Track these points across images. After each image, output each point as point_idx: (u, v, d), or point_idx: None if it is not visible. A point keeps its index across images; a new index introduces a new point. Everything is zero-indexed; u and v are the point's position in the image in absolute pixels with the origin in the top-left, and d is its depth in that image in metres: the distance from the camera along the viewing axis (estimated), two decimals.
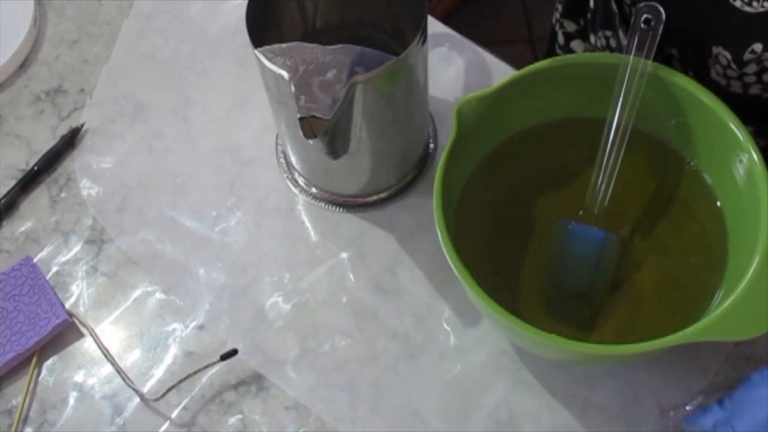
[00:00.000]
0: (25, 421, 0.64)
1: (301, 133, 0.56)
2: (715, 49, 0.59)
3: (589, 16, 0.76)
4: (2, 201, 0.72)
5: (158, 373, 0.65)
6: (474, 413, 0.61)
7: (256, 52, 0.58)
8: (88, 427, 0.63)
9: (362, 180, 0.68)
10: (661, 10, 0.57)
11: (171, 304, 0.67)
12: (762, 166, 0.56)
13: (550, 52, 0.85)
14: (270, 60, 0.57)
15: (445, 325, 0.65)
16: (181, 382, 0.63)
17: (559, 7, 0.84)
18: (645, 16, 0.58)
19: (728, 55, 0.59)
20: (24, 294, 0.67)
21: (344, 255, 0.68)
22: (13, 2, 0.81)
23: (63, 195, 0.73)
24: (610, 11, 0.71)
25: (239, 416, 0.63)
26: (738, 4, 0.56)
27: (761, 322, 0.52)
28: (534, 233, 0.63)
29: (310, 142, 0.57)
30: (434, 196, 0.56)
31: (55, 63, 0.80)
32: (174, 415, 0.63)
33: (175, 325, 0.67)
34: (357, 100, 0.58)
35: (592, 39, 0.76)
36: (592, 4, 0.75)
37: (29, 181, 0.73)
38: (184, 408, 0.63)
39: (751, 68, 0.60)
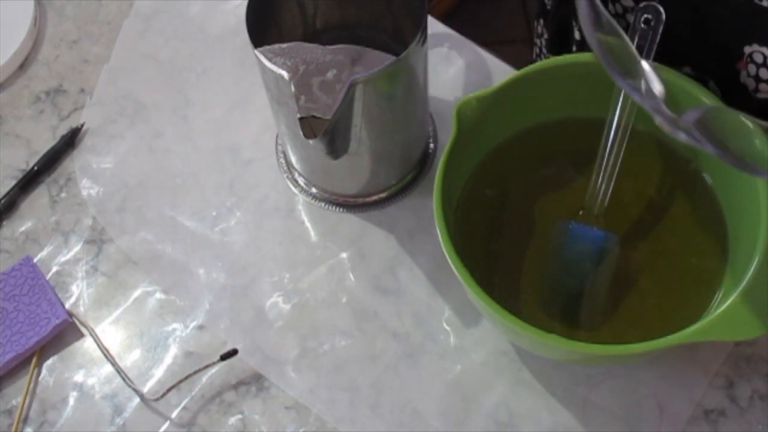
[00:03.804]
0: (25, 421, 0.64)
1: (301, 133, 0.56)
2: (749, 48, 0.59)
3: (574, 48, 0.75)
4: (2, 201, 0.72)
5: (158, 373, 0.65)
6: (474, 413, 0.62)
7: (256, 52, 0.58)
8: (88, 427, 0.63)
9: (362, 180, 0.68)
10: (661, 9, 0.57)
11: (171, 304, 0.67)
12: None
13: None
14: (270, 60, 0.57)
15: (445, 325, 0.65)
16: (181, 382, 0.63)
17: (539, 41, 0.83)
18: (645, 16, 0.58)
19: (766, 51, 0.58)
20: (24, 294, 0.67)
21: (344, 255, 0.68)
22: (13, 2, 0.81)
23: (63, 195, 0.73)
24: None
25: (239, 416, 0.63)
26: (765, 3, 0.56)
27: (761, 322, 0.52)
28: (534, 233, 0.63)
29: (310, 142, 0.57)
30: (434, 196, 0.56)
31: (55, 63, 0.80)
32: (174, 415, 0.63)
33: (175, 325, 0.67)
34: (357, 100, 0.58)
35: None
36: (577, 35, 0.74)
37: (29, 181, 0.73)
38: (184, 408, 0.63)
39: None
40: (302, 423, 0.62)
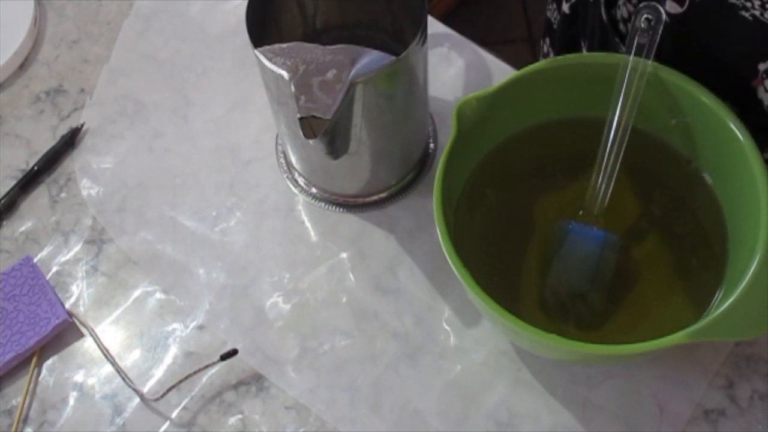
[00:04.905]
0: (25, 421, 0.64)
1: (301, 133, 0.56)
2: (763, 65, 0.59)
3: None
4: (2, 201, 0.72)
5: (158, 373, 0.65)
6: (474, 413, 0.61)
7: (256, 52, 0.58)
8: (88, 427, 0.63)
9: (362, 180, 0.68)
10: (661, 9, 0.57)
11: (171, 304, 0.67)
12: (762, 166, 0.56)
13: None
14: (270, 60, 0.57)
15: (445, 325, 0.65)
16: (181, 382, 0.63)
17: (544, 46, 0.83)
18: (645, 16, 0.58)
19: None
20: (24, 294, 0.67)
21: (344, 255, 0.68)
22: (13, 2, 0.81)
23: (63, 195, 0.73)
24: (607, 43, 0.70)
25: (239, 416, 0.63)
26: None
27: (761, 322, 0.52)
28: (534, 233, 0.63)
29: (310, 142, 0.57)
30: (434, 196, 0.56)
31: (55, 63, 0.80)
32: (174, 415, 0.63)
33: (175, 325, 0.67)
34: (357, 100, 0.58)
35: None
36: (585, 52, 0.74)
37: (29, 181, 0.73)
38: (184, 408, 0.63)
39: None
40: (302, 423, 0.62)
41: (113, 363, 0.65)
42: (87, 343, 0.66)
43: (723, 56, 0.60)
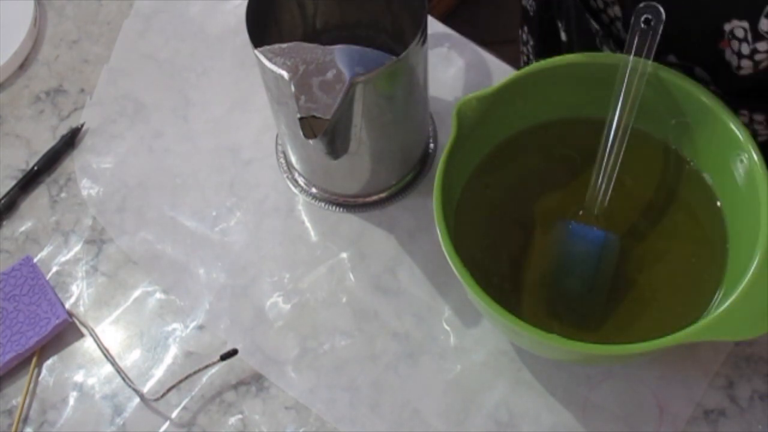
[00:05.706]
0: (25, 421, 0.64)
1: (301, 133, 0.56)
2: (728, 25, 0.58)
3: (564, 51, 0.75)
4: (2, 201, 0.72)
5: (158, 373, 0.65)
6: (474, 413, 0.61)
7: (256, 52, 0.58)
8: (88, 427, 0.63)
9: (362, 180, 0.68)
10: (661, 9, 0.57)
11: (171, 304, 0.67)
12: (762, 166, 0.56)
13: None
14: (270, 60, 0.57)
15: (445, 325, 0.65)
16: (181, 382, 0.63)
17: (525, 49, 0.83)
18: (645, 16, 0.58)
19: (746, 25, 0.58)
20: (24, 294, 0.67)
21: (344, 255, 0.68)
22: (13, 2, 0.81)
23: (63, 195, 0.73)
24: (587, 36, 0.70)
25: (239, 416, 0.63)
26: None
27: (761, 322, 0.52)
28: (534, 233, 0.63)
29: (310, 142, 0.57)
30: (434, 196, 0.56)
31: (55, 63, 0.80)
32: (174, 415, 0.63)
33: (175, 325, 0.67)
34: (357, 100, 0.58)
35: None
36: (563, 36, 0.74)
37: (29, 181, 0.73)
38: (184, 408, 0.63)
39: (763, 46, 0.58)
40: (302, 423, 0.62)
41: (113, 363, 0.65)
42: (87, 343, 0.66)
43: (690, 22, 0.60)
